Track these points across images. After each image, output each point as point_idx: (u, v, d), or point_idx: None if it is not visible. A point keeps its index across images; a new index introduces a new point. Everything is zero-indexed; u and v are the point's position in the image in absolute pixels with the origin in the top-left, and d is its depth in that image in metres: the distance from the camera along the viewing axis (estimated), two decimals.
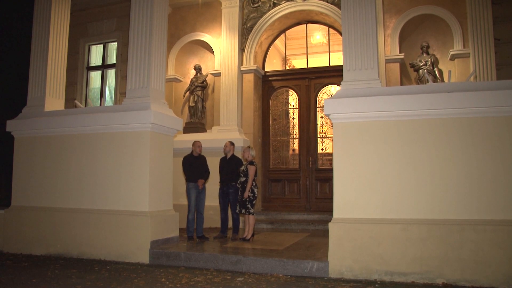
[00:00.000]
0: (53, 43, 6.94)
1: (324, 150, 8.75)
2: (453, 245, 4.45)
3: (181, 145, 7.96)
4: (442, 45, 8.05)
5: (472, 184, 4.52)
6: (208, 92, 9.34)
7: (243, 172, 6.32)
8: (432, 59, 7.77)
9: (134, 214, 5.69)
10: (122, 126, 5.91)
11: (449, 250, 4.45)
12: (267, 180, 9.02)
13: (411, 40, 8.24)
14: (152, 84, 6.03)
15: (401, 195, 4.73)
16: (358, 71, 5.10)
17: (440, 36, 8.05)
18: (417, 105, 4.73)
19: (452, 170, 4.60)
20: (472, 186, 4.52)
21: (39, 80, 6.85)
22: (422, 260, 4.52)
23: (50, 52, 6.88)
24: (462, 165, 4.58)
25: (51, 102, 6.88)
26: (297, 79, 9.07)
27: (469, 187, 4.53)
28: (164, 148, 6.17)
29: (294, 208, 8.65)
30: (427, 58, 7.78)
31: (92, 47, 10.55)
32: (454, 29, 7.75)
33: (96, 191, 5.98)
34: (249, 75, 8.85)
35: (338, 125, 5.03)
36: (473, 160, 4.54)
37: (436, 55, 7.96)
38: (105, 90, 10.34)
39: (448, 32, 7.90)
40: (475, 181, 4.52)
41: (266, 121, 9.20)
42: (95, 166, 6.04)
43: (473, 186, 4.51)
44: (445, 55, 7.98)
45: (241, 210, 6.28)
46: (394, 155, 4.81)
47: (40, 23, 6.99)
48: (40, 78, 6.85)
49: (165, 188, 6.15)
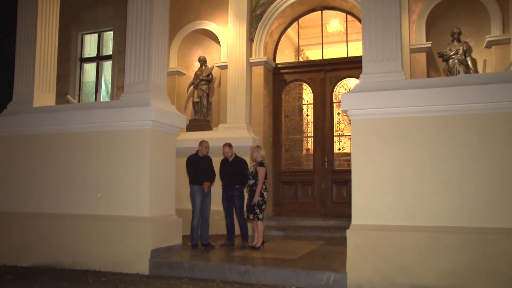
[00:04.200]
0: (41, 32, 6.91)
1: (341, 150, 8.70)
2: (487, 257, 4.37)
3: (185, 145, 7.98)
4: (476, 31, 7.88)
5: (510, 188, 4.43)
6: (214, 86, 9.33)
7: (252, 174, 6.30)
8: (464, 47, 7.62)
9: (132, 220, 5.69)
10: (119, 123, 5.92)
11: (483, 262, 4.37)
12: (278, 183, 9.00)
13: (439, 27, 8.10)
14: (153, 78, 6.03)
15: (427, 200, 4.67)
16: (379, 62, 5.05)
17: (474, 20, 7.87)
18: (447, 100, 4.65)
19: (486, 172, 4.52)
20: (509, 190, 4.43)
21: (26, 73, 6.83)
22: (451, 272, 4.45)
23: (38, 41, 6.85)
24: (497, 166, 4.49)
25: (40, 97, 6.85)
26: (312, 71, 9.02)
27: (505, 191, 4.44)
28: (166, 147, 6.16)
29: (308, 213, 8.62)
30: (458, 46, 7.63)
31: (86, 36, 10.59)
32: (492, 11, 7.57)
33: (91, 195, 5.99)
34: (259, 68, 8.82)
35: (357, 122, 5.00)
36: (511, 160, 4.44)
37: (469, 43, 7.81)
38: (101, 84, 10.39)
39: (484, 16, 7.70)
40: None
41: (277, 118, 9.17)
42: (90, 168, 6.05)
43: (511, 191, 4.41)
44: (479, 42, 7.82)
45: (249, 216, 6.26)
46: (420, 155, 4.75)
47: (26, 9, 6.93)
48: (27, 70, 6.83)
49: (167, 191, 6.14)
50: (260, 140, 8.57)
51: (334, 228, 7.72)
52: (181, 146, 7.70)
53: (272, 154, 9.03)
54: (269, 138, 9.01)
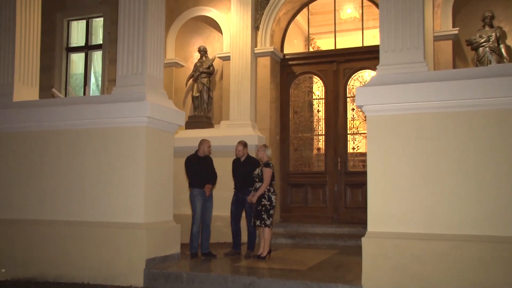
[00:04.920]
0: (21, 17, 6.84)
1: (356, 149, 8.68)
2: None
3: (183, 144, 7.96)
4: (511, 14, 7.76)
5: None
6: (216, 79, 9.31)
7: (258, 176, 6.30)
8: (497, 33, 7.52)
9: (126, 227, 5.67)
10: (111, 120, 5.89)
11: None
12: (286, 185, 8.98)
13: (468, 11, 8.01)
14: (148, 70, 6.00)
15: (453, 205, 4.63)
16: (399, 52, 5.01)
17: (510, 2, 7.74)
18: (476, 93, 4.60)
19: None
20: None
21: (5, 63, 6.76)
22: (483, 286, 4.38)
23: (18, 28, 6.78)
24: None
25: (22, 91, 6.82)
26: (323, 63, 8.97)
27: None
28: (163, 147, 6.14)
29: (319, 219, 8.59)
30: (490, 33, 7.53)
31: (73, 23, 10.57)
32: None
33: (79, 200, 5.96)
34: (265, 59, 8.80)
35: (373, 119, 4.97)
36: None
37: (503, 28, 7.71)
38: (90, 77, 10.38)
39: None
40: None
41: (285, 115, 9.14)
42: (78, 169, 6.03)
43: None
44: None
45: (256, 222, 6.26)
46: (444, 156, 4.70)
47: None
48: (6, 60, 6.76)
49: (164, 195, 6.12)
50: (266, 139, 8.55)
51: (348, 236, 7.69)
52: (180, 145, 7.69)
53: (279, 154, 9.01)
54: (276, 136, 8.99)
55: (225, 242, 7.75)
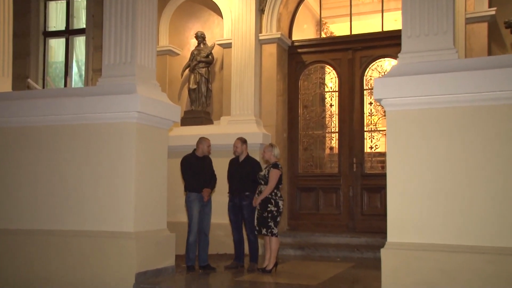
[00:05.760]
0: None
1: (374, 149, 8.68)
2: None
3: (179, 142, 7.97)
4: None
5: None
6: (215, 69, 9.31)
7: (264, 178, 6.29)
8: None
9: (113, 236, 5.67)
10: (96, 116, 5.87)
11: None
12: (295, 189, 8.99)
13: None
14: (138, 59, 5.99)
15: (488, 212, 4.60)
16: (424, 37, 4.99)
17: None
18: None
19: None
20: None
21: None
22: None
23: None
24: None
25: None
26: (337, 50, 8.96)
27: None
28: (156, 145, 6.15)
29: (333, 227, 8.59)
30: None
31: (51, 4, 10.55)
32: None
33: (61, 206, 5.95)
34: (271, 46, 8.79)
35: (394, 115, 4.98)
36: None
37: None
38: (72, 66, 10.37)
39: None
40: None
41: (293, 109, 9.15)
42: (59, 171, 6.01)
43: None
44: None
45: (261, 230, 6.26)
46: (478, 156, 4.68)
47: None
48: None
49: (157, 200, 6.13)
50: (273, 137, 8.56)
51: (365, 247, 7.70)
52: (175, 144, 7.74)
53: (287, 154, 9.01)
54: (284, 134, 8.99)
55: (225, 253, 7.75)
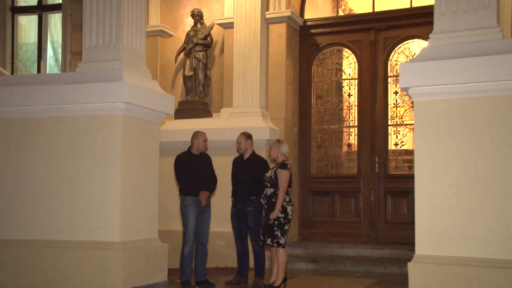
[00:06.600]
0: None
1: (400, 146, 8.67)
2: None
3: (172, 138, 7.99)
4: None
5: None
6: (215, 53, 9.31)
7: (271, 180, 6.27)
8: None
9: (96, 247, 5.65)
10: (75, 107, 5.86)
11: None
12: (306, 193, 9.01)
13: None
14: (125, 40, 5.99)
15: None
16: (461, 14, 4.97)
17: None
18: None
19: None
20: None
21: None
22: None
23: None
24: None
25: None
26: (357, 31, 8.95)
27: None
28: (146, 142, 6.16)
29: (351, 237, 8.61)
30: None
31: None
32: None
33: (35, 213, 5.94)
34: (279, 26, 8.76)
35: (424, 106, 5.01)
36: None
37: None
38: (46, 48, 10.36)
39: None
40: None
41: (305, 100, 9.15)
42: (32, 171, 6.00)
43: None
44: None
45: (266, 240, 6.25)
46: None
47: None
48: None
49: (147, 206, 6.15)
50: (281, 132, 8.55)
51: (389, 260, 7.69)
52: (168, 140, 7.76)
53: (298, 152, 9.02)
54: (294, 128, 8.99)
55: (226, 267, 7.78)
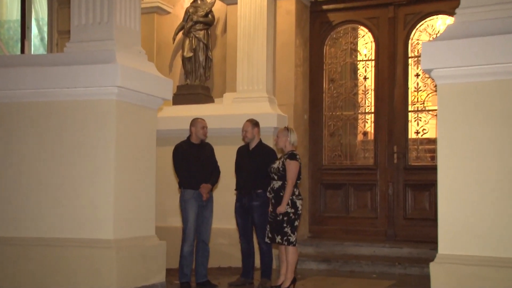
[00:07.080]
0: None
1: (421, 134, 8.67)
2: None
3: (171, 125, 8.04)
4: None
5: None
6: (216, 33, 9.33)
7: (278, 172, 6.26)
8: None
9: (88, 245, 5.66)
10: (64, 91, 5.87)
11: None
12: (318, 186, 9.06)
13: None
14: (118, 18, 5.97)
15: None
16: None
17: None
18: None
19: None
20: None
21: None
22: None
23: None
24: None
25: None
26: (374, 6, 8.95)
27: None
28: (142, 130, 6.19)
29: (367, 235, 8.67)
30: None
31: None
32: None
33: (21, 209, 5.96)
34: (288, 2, 8.76)
35: (448, 90, 5.02)
36: None
37: None
38: (30, 26, 10.37)
39: None
40: None
41: (317, 84, 9.17)
42: (17, 161, 6.02)
43: None
44: None
45: (274, 238, 6.25)
46: None
47: None
48: None
49: (143, 200, 6.18)
50: (290, 119, 8.55)
51: (408, 260, 7.71)
52: (166, 128, 7.82)
53: (309, 141, 9.06)
54: (304, 115, 9.02)
55: (229, 267, 7.84)
